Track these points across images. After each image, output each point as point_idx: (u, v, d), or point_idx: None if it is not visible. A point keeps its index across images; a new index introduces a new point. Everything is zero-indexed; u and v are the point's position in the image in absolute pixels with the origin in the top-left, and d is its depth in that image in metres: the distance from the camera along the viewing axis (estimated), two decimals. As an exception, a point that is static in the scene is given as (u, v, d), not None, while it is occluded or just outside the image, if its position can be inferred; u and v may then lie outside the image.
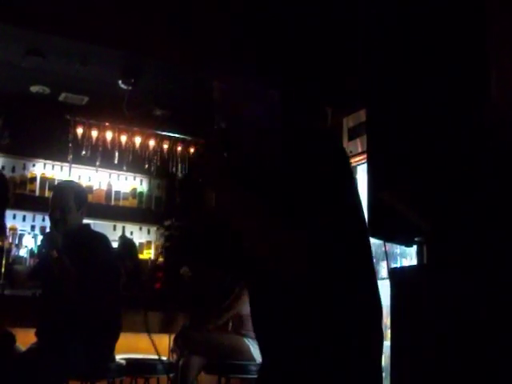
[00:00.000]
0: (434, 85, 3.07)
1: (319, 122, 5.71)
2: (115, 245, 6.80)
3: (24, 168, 7.76)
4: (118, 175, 8.25)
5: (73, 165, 7.68)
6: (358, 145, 5.31)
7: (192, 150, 7.80)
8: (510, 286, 2.56)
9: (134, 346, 5.26)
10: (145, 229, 8.39)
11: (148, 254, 8.18)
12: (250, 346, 4.77)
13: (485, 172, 2.85)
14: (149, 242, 8.35)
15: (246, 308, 4.75)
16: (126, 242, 7.07)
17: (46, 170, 7.86)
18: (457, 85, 3.00)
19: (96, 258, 4.21)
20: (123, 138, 7.62)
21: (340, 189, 2.02)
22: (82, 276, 4.05)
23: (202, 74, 6.48)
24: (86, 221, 7.46)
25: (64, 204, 4.35)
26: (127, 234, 7.89)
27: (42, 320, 4.26)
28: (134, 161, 7.70)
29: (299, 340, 2.01)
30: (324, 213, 1.93)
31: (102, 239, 4.46)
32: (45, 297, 4.42)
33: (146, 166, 7.72)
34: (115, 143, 7.56)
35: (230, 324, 5.13)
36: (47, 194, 7.66)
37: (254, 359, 4.76)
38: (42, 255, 4.60)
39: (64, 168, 7.86)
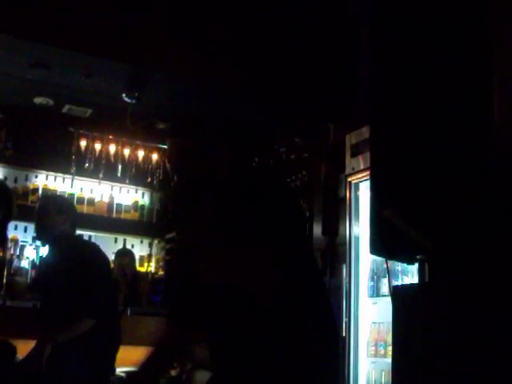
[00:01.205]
0: (438, 103, 3.08)
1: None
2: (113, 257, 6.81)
3: (26, 179, 7.77)
4: (120, 188, 8.25)
5: (75, 177, 7.69)
6: (361, 162, 5.31)
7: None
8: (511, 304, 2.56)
9: (134, 359, 5.26)
10: (146, 242, 8.39)
11: (149, 267, 8.18)
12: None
13: (488, 191, 2.86)
14: (150, 256, 8.35)
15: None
16: (124, 252, 7.05)
17: (48, 181, 7.87)
18: (460, 103, 3.01)
19: (93, 270, 4.20)
20: (126, 151, 7.64)
21: (280, 219, 2.11)
22: (78, 288, 4.05)
23: (206, 88, 6.51)
24: (88, 233, 7.53)
25: (40, 209, 4.39)
26: (128, 247, 7.89)
27: (41, 332, 4.25)
28: (136, 174, 7.71)
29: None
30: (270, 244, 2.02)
31: (96, 250, 4.46)
32: (44, 309, 4.41)
33: (149, 179, 7.72)
34: (118, 156, 7.57)
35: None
36: (49, 205, 7.67)
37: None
38: (42, 267, 4.61)
39: (66, 180, 7.87)
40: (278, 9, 6.06)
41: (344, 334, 5.18)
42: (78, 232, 7.57)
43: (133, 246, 8.11)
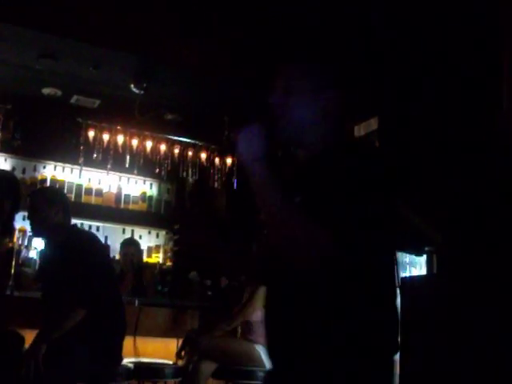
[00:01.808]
0: (448, 94, 3.07)
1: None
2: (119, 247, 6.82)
3: (34, 170, 7.78)
4: (129, 179, 8.26)
5: (83, 167, 7.70)
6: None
7: (203, 155, 7.81)
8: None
9: (142, 350, 5.28)
10: (154, 233, 8.41)
11: (156, 258, 8.19)
12: (261, 352, 4.76)
13: (497, 184, 2.85)
14: (157, 246, 8.37)
15: (255, 315, 4.75)
16: (129, 240, 7.05)
17: (56, 172, 7.88)
18: (470, 95, 3.00)
19: (86, 259, 4.18)
20: (134, 142, 7.64)
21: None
22: (82, 277, 4.04)
23: (214, 79, 6.50)
24: (95, 223, 7.54)
25: (31, 203, 4.37)
26: (136, 238, 7.89)
27: (43, 323, 4.25)
28: (144, 165, 7.70)
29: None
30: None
31: (92, 238, 4.45)
32: (44, 300, 4.41)
33: (157, 170, 7.72)
34: (126, 147, 7.57)
35: (239, 330, 5.12)
36: (57, 196, 7.69)
37: (263, 365, 4.76)
38: (41, 258, 4.60)
39: (74, 170, 7.88)
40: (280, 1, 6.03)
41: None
42: (87, 223, 7.68)
43: (140, 236, 8.12)
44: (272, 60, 6.25)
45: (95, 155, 7.44)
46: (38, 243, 7.18)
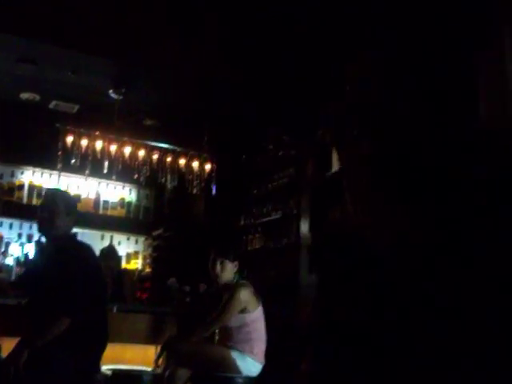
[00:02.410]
0: (423, 99, 3.09)
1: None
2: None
3: (12, 175, 7.75)
4: (107, 184, 8.25)
5: (62, 173, 7.66)
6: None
7: (181, 161, 7.80)
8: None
9: (120, 357, 5.25)
10: (133, 239, 8.39)
11: (135, 264, 8.17)
12: (236, 359, 4.75)
13: (474, 185, 2.86)
14: (136, 252, 8.35)
15: (233, 320, 4.74)
16: (107, 247, 7.04)
17: (34, 177, 7.85)
18: (446, 100, 3.01)
19: (79, 269, 4.17)
20: (113, 148, 7.61)
21: None
22: (62, 288, 4.02)
23: (193, 85, 6.50)
24: (74, 229, 7.50)
25: (53, 205, 4.32)
26: (115, 244, 7.87)
27: (27, 329, 4.22)
28: (123, 170, 7.68)
29: None
30: None
31: (88, 251, 4.44)
32: (30, 306, 4.38)
33: (135, 175, 7.70)
34: (105, 152, 7.54)
35: (217, 337, 5.11)
36: (35, 201, 7.66)
37: (239, 371, 4.74)
38: (30, 264, 4.58)
39: (53, 176, 7.85)
40: (265, 6, 6.04)
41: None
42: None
43: (119, 242, 8.10)
44: (252, 66, 6.27)
45: (73, 161, 7.40)
46: (16, 250, 7.15)
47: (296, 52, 5.85)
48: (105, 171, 7.55)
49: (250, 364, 4.74)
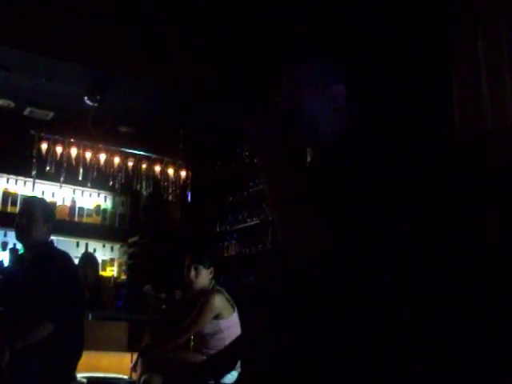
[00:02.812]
0: (400, 110, 3.12)
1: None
2: (77, 261, 6.76)
3: (-14, 182, 7.70)
4: (82, 191, 8.22)
5: (36, 180, 7.62)
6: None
7: (157, 168, 7.79)
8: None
9: (95, 365, 5.24)
10: (108, 246, 8.36)
11: (111, 272, 8.15)
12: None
13: (447, 194, 2.90)
14: (112, 260, 8.32)
15: (208, 327, 4.74)
16: (86, 254, 7.03)
17: (9, 184, 7.81)
18: (421, 111, 3.05)
19: (60, 276, 4.17)
20: (88, 155, 7.59)
21: None
22: (44, 294, 4.01)
23: (167, 90, 6.50)
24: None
25: (31, 212, 4.32)
26: (90, 251, 7.85)
27: (3, 337, 4.20)
28: (98, 177, 7.66)
29: None
30: None
31: (66, 257, 4.43)
32: (6, 314, 4.36)
33: (111, 182, 7.68)
34: (80, 159, 7.52)
35: (192, 343, 5.11)
36: (10, 209, 7.62)
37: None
38: (5, 272, 4.56)
39: (27, 183, 7.81)
40: (241, 8, 6.06)
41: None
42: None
43: (95, 250, 8.07)
44: (227, 70, 6.28)
45: (48, 168, 7.37)
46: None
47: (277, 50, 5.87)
48: (80, 178, 7.52)
49: (226, 371, 4.74)
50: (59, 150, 7.44)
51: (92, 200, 8.31)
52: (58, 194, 8.01)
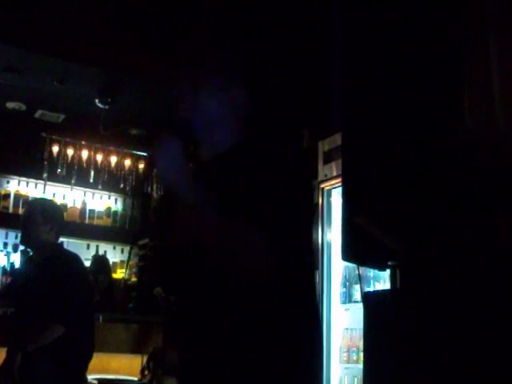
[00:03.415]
0: (409, 110, 3.10)
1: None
2: (88, 264, 6.76)
3: (-2, 184, 7.71)
4: (93, 194, 8.21)
5: (48, 182, 7.64)
6: (334, 168, 5.30)
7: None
8: (479, 310, 2.58)
9: (106, 366, 5.23)
10: (118, 248, 8.35)
11: (121, 274, 8.14)
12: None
13: (459, 195, 2.88)
14: (122, 262, 8.31)
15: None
16: (99, 259, 7.03)
17: (20, 186, 7.81)
18: (432, 110, 3.03)
19: (70, 278, 4.18)
20: (99, 157, 7.60)
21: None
22: (54, 297, 4.02)
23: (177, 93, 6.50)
24: (60, 239, 7.47)
25: (28, 214, 4.33)
26: (101, 253, 7.84)
27: (13, 339, 4.21)
28: (109, 180, 7.67)
29: None
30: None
31: (76, 259, 4.43)
32: (17, 316, 4.37)
33: (122, 185, 7.68)
34: (91, 162, 7.53)
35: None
36: (21, 211, 7.62)
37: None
38: (16, 274, 4.57)
39: (39, 185, 7.81)
40: (252, 14, 6.06)
41: (316, 341, 5.16)
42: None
43: (105, 252, 8.07)
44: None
45: (59, 170, 7.39)
46: (1, 259, 7.11)
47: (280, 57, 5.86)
48: (91, 180, 7.54)
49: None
50: (70, 152, 7.46)
51: (103, 202, 8.30)
52: (69, 196, 8.01)
